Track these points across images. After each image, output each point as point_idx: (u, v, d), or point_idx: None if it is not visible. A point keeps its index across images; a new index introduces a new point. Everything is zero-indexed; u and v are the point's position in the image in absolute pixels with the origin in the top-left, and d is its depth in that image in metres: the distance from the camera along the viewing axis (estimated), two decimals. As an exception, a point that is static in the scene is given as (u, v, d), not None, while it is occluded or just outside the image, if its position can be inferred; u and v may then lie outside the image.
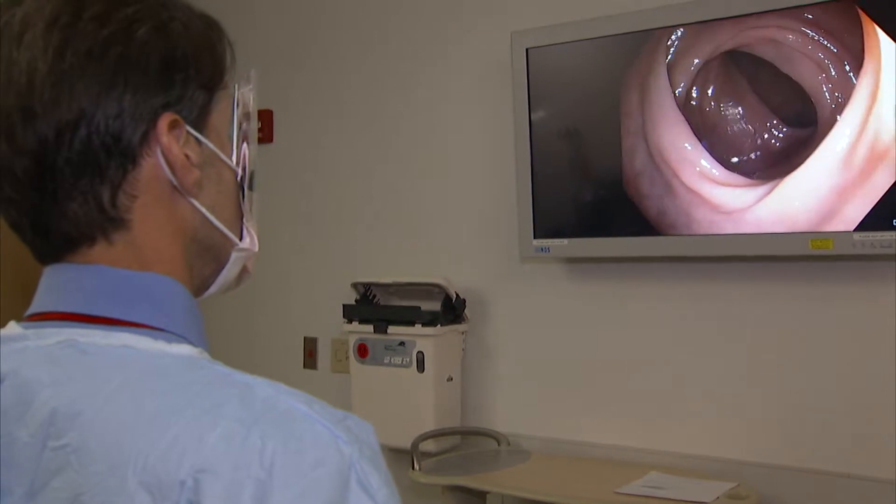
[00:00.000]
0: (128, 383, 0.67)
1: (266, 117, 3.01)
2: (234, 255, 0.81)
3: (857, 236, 1.96)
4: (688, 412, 2.30)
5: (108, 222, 0.72)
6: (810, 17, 1.98)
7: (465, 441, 2.60)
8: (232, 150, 0.80)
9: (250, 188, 0.82)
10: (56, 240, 0.73)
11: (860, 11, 1.92)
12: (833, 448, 2.11)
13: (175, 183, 0.74)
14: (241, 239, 0.81)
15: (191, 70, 0.74)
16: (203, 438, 0.62)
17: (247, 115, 0.83)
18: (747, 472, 2.15)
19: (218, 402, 0.65)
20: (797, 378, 2.16)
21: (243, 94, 0.83)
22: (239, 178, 0.80)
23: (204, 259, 0.79)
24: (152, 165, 0.72)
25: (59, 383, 0.67)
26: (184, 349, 0.71)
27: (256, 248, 0.83)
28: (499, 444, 2.50)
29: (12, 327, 0.73)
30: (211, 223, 0.77)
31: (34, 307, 0.74)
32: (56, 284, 0.74)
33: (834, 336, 2.12)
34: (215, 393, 0.66)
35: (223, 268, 0.81)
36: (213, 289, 0.82)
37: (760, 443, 2.19)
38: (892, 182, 1.91)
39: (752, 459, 2.18)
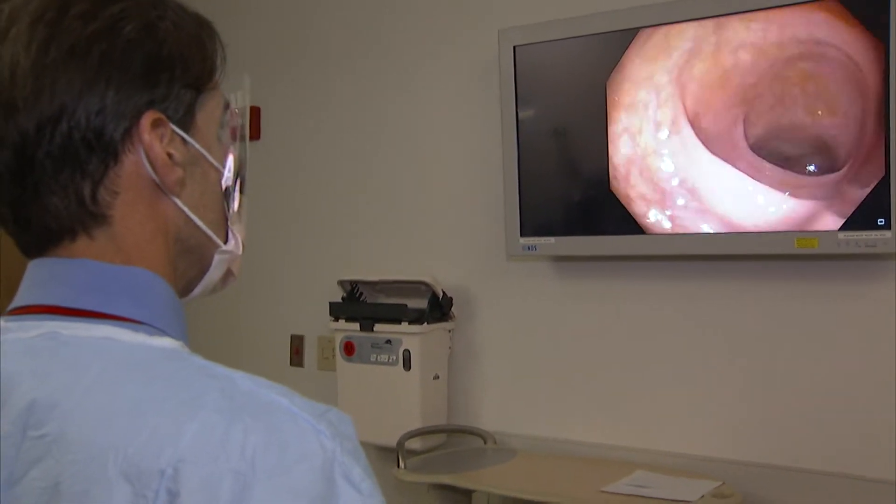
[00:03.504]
0: (108, 374, 0.67)
1: (254, 114, 3.00)
2: (217, 257, 0.81)
3: (841, 235, 1.97)
4: (674, 411, 2.30)
5: (89, 217, 0.72)
6: (798, 15, 1.99)
7: (451, 439, 2.60)
8: (222, 151, 0.80)
9: (241, 191, 0.82)
10: (37, 232, 0.73)
11: (846, 11, 1.93)
12: (817, 447, 2.11)
13: (157, 181, 0.74)
14: (225, 241, 0.81)
15: (177, 69, 0.74)
16: (183, 429, 0.62)
17: (237, 118, 0.83)
18: (732, 471, 2.16)
19: (199, 393, 0.65)
20: (782, 377, 2.17)
21: (235, 97, 0.83)
22: (224, 179, 0.80)
23: (188, 260, 0.79)
24: (134, 163, 0.73)
25: (40, 374, 0.67)
26: (165, 342, 0.71)
27: (241, 252, 0.83)
28: (485, 443, 2.50)
29: None
30: (194, 223, 0.77)
31: (17, 301, 0.74)
32: (39, 278, 0.74)
33: (819, 334, 2.13)
34: (196, 384, 0.66)
35: (207, 270, 0.81)
36: (196, 290, 0.82)
37: (745, 442, 2.20)
38: (877, 181, 1.92)
39: (737, 458, 2.19)
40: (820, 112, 1.99)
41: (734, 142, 2.08)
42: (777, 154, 2.04)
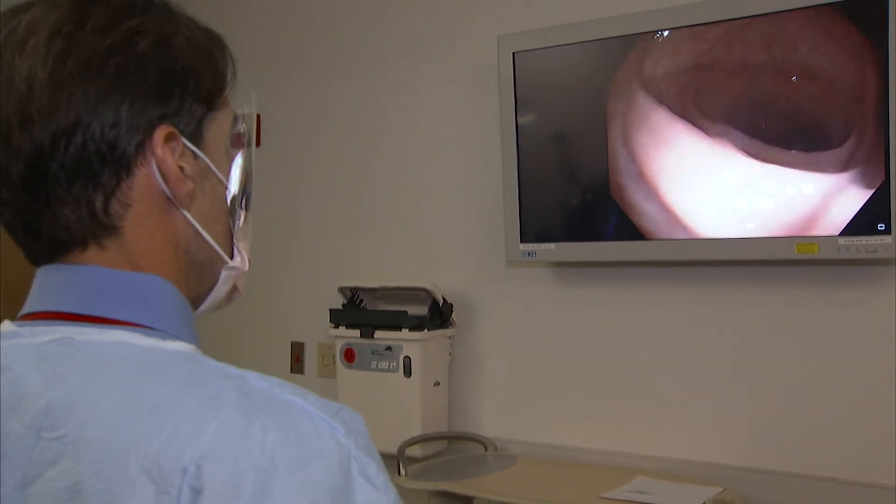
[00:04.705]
0: (125, 376, 0.68)
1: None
2: (223, 273, 0.82)
3: (841, 241, 1.96)
4: (675, 417, 2.30)
5: (100, 228, 0.73)
6: (797, 22, 1.99)
7: (452, 446, 2.60)
8: (230, 166, 0.81)
9: (246, 208, 0.83)
10: (47, 243, 0.74)
11: (844, 18, 1.93)
12: (818, 452, 2.11)
13: (168, 194, 0.75)
14: (231, 257, 0.82)
15: (190, 84, 0.75)
16: (203, 428, 0.63)
17: (244, 134, 0.84)
18: (733, 477, 2.15)
19: (216, 393, 0.66)
20: (783, 382, 2.17)
21: (243, 114, 0.84)
22: (229, 194, 0.81)
23: (198, 276, 0.80)
24: (146, 175, 0.74)
25: (54, 378, 0.68)
26: (178, 345, 0.73)
27: (247, 268, 0.84)
28: (485, 449, 2.49)
29: (6, 325, 0.75)
30: (202, 237, 0.78)
31: (27, 307, 0.75)
32: (49, 285, 0.75)
33: (820, 339, 2.12)
34: (213, 385, 0.67)
35: (215, 286, 0.82)
36: (203, 307, 0.83)
37: (747, 447, 2.20)
38: (877, 187, 1.91)
39: (739, 464, 2.19)
40: (795, 79, 1.97)
41: (736, 148, 2.08)
42: (753, 126, 2.04)
